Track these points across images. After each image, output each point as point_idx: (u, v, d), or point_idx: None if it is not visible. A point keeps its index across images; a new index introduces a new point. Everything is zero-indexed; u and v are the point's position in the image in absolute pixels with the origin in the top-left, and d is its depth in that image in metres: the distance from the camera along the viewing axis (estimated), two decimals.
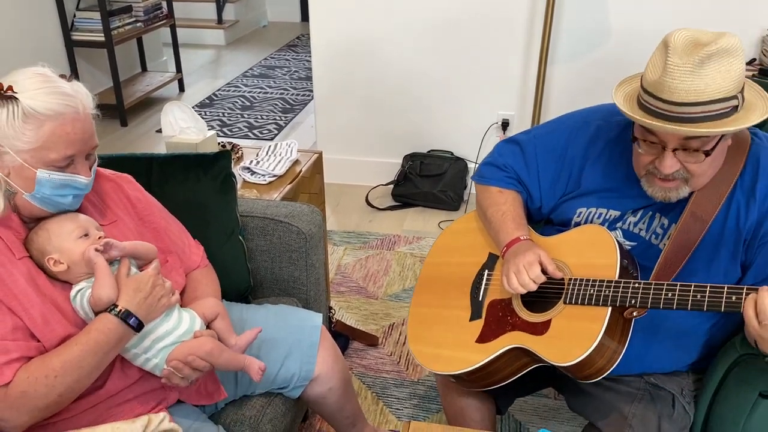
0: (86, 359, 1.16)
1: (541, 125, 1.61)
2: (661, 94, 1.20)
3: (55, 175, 1.18)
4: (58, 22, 4.19)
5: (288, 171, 2.20)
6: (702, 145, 1.23)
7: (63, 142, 1.16)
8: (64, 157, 1.17)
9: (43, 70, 1.20)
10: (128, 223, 1.40)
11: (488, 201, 1.57)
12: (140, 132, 4.47)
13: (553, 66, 3.20)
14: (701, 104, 1.18)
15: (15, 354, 1.14)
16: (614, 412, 1.40)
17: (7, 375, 1.12)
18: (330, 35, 3.37)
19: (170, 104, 2.17)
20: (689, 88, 1.17)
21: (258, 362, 1.36)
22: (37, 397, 1.13)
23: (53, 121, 1.15)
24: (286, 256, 1.78)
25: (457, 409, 1.64)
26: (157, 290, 1.26)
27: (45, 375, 1.13)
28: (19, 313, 1.15)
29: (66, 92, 1.17)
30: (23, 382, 1.13)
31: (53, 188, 1.19)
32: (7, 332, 1.14)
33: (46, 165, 1.17)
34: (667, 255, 1.33)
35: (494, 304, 1.48)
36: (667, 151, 1.26)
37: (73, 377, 1.16)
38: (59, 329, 1.19)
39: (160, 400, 1.34)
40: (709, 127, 1.19)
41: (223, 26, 6.86)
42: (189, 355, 1.27)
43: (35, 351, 1.16)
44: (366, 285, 2.82)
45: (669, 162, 1.26)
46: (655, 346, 1.40)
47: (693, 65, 1.16)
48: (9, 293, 1.15)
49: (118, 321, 1.20)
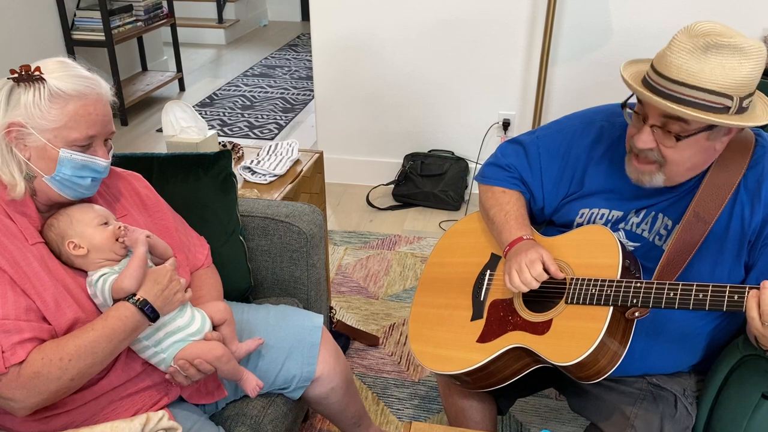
0: (101, 345, 1.18)
1: (544, 126, 1.61)
2: (659, 67, 1.22)
3: (77, 155, 1.21)
4: (58, 21, 4.19)
5: (289, 171, 2.20)
6: (681, 131, 1.23)
7: (85, 121, 1.20)
8: (86, 136, 1.21)
9: (65, 59, 1.26)
10: (138, 219, 1.43)
11: (491, 201, 1.57)
12: (141, 131, 4.47)
13: (554, 66, 3.20)
14: (690, 87, 1.18)
15: (28, 334, 1.15)
16: (616, 412, 1.40)
17: (21, 354, 1.13)
18: (331, 35, 3.37)
19: (171, 104, 2.17)
20: (682, 67, 1.18)
21: (256, 379, 1.40)
22: (50, 379, 1.14)
23: (77, 101, 1.19)
24: (287, 256, 1.78)
25: (458, 410, 1.63)
26: (173, 284, 1.29)
27: (60, 357, 1.15)
28: (32, 295, 1.17)
29: (88, 76, 1.23)
30: (37, 363, 1.14)
31: (74, 168, 1.22)
32: (21, 312, 1.15)
33: (68, 144, 1.20)
34: (670, 255, 1.33)
35: (496, 304, 1.47)
36: (646, 125, 1.27)
37: (87, 362, 1.17)
38: (69, 313, 1.21)
39: (162, 395, 1.35)
40: (689, 111, 1.18)
41: (224, 25, 6.86)
42: (197, 357, 1.30)
43: (47, 333, 1.18)
44: (366, 285, 2.81)
45: (645, 137, 1.27)
46: (657, 347, 1.40)
47: (696, 47, 1.17)
48: (23, 275, 1.17)
49: (136, 309, 1.22)
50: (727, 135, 1.27)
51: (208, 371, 1.31)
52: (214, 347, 1.32)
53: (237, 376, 1.38)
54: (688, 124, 1.22)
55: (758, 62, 1.18)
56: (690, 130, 1.23)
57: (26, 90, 1.17)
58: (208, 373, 1.32)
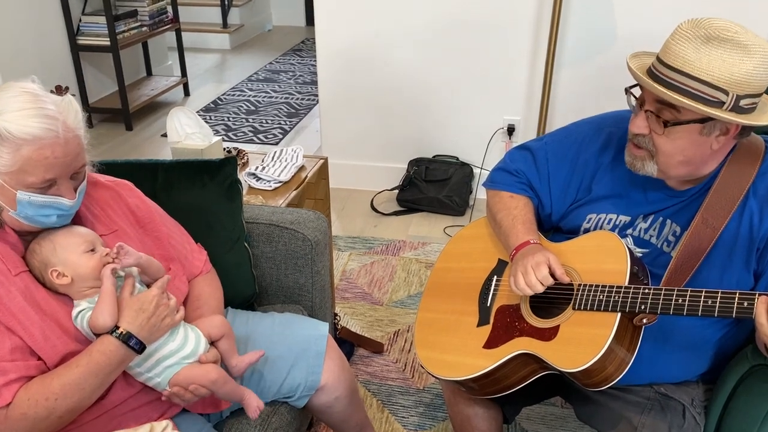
0: (87, 381, 1.15)
1: (552, 132, 1.60)
2: (661, 53, 1.23)
3: (36, 197, 1.14)
4: (63, 27, 4.20)
5: (293, 177, 2.20)
6: (672, 119, 1.24)
7: (42, 166, 1.12)
8: (42, 180, 1.13)
9: (33, 86, 1.16)
10: (129, 232, 1.38)
11: (499, 206, 1.56)
12: (145, 136, 4.47)
13: (559, 71, 3.19)
14: (685, 75, 1.18)
15: (13, 375, 1.12)
16: (623, 421, 1.38)
17: (6, 396, 1.11)
18: (335, 40, 3.37)
19: (176, 110, 2.17)
20: (680, 54, 1.18)
21: (258, 400, 1.36)
22: (38, 419, 1.12)
23: (31, 145, 1.10)
24: (292, 263, 1.77)
25: (464, 418, 1.62)
26: (160, 310, 1.24)
27: (45, 398, 1.12)
28: (18, 332, 1.14)
29: (49, 114, 1.12)
30: (24, 404, 1.11)
31: (35, 209, 1.16)
32: (5, 353, 1.12)
33: (25, 187, 1.13)
34: (678, 261, 1.32)
35: (502, 309, 1.46)
36: (641, 110, 1.28)
37: (74, 399, 1.14)
38: (60, 346, 1.18)
39: (166, 409, 1.33)
40: (679, 97, 1.18)
41: (228, 30, 6.87)
42: (192, 383, 1.26)
43: (35, 370, 1.15)
44: (371, 291, 2.80)
45: (639, 121, 1.29)
46: (664, 355, 1.39)
47: (697, 37, 1.17)
48: (7, 312, 1.13)
49: (119, 343, 1.18)
50: (725, 135, 1.25)
51: (204, 395, 1.28)
52: (209, 371, 1.29)
53: (236, 398, 1.35)
54: (680, 112, 1.22)
55: (763, 63, 1.16)
56: (681, 118, 1.23)
57: None
58: (205, 396, 1.29)
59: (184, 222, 1.56)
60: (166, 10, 4.90)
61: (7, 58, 3.73)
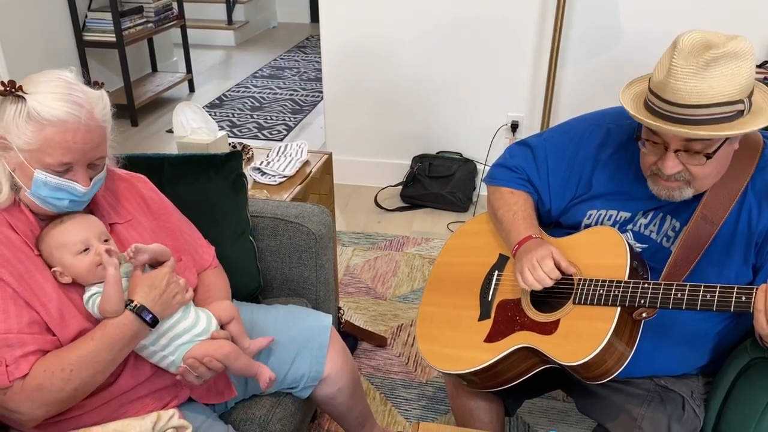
0: (102, 354, 1.18)
1: (552, 128, 1.61)
2: (665, 95, 1.21)
3: (51, 178, 1.19)
4: (69, 23, 4.22)
5: (298, 172, 2.21)
6: (704, 147, 1.23)
7: (61, 148, 1.16)
8: (60, 163, 1.18)
9: (69, 75, 1.22)
10: (143, 222, 1.42)
11: (499, 202, 1.58)
12: (150, 132, 4.49)
13: (563, 68, 3.19)
14: (704, 107, 1.18)
15: (31, 347, 1.15)
16: (624, 414, 1.40)
17: (24, 368, 1.14)
18: (340, 36, 3.38)
19: (182, 105, 2.19)
20: (692, 90, 1.17)
21: (269, 372, 1.39)
22: (53, 390, 1.15)
23: (54, 127, 1.15)
24: (296, 257, 1.79)
25: (466, 411, 1.64)
26: (171, 287, 1.28)
27: (61, 369, 1.15)
28: (36, 307, 1.17)
29: (76, 101, 1.17)
30: (39, 375, 1.15)
31: (49, 190, 1.20)
32: (24, 326, 1.16)
33: (43, 167, 1.18)
34: (677, 256, 1.33)
35: (503, 304, 1.48)
36: (669, 152, 1.26)
37: (89, 372, 1.18)
38: (74, 324, 1.21)
39: (172, 397, 1.35)
40: (711, 130, 1.18)
41: (233, 27, 6.89)
42: (206, 356, 1.29)
43: (51, 345, 1.18)
44: (374, 286, 2.82)
45: (671, 163, 1.27)
46: (664, 348, 1.40)
47: (697, 67, 1.17)
48: (27, 288, 1.17)
49: (134, 316, 1.22)
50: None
51: (218, 369, 1.31)
52: (222, 345, 1.32)
53: (251, 372, 1.37)
54: (711, 140, 1.22)
55: (752, 60, 1.19)
56: (715, 144, 1.23)
57: (11, 105, 1.15)
58: (218, 370, 1.31)
59: (189, 215, 1.58)
60: (172, 6, 4.91)
61: (14, 53, 3.75)
